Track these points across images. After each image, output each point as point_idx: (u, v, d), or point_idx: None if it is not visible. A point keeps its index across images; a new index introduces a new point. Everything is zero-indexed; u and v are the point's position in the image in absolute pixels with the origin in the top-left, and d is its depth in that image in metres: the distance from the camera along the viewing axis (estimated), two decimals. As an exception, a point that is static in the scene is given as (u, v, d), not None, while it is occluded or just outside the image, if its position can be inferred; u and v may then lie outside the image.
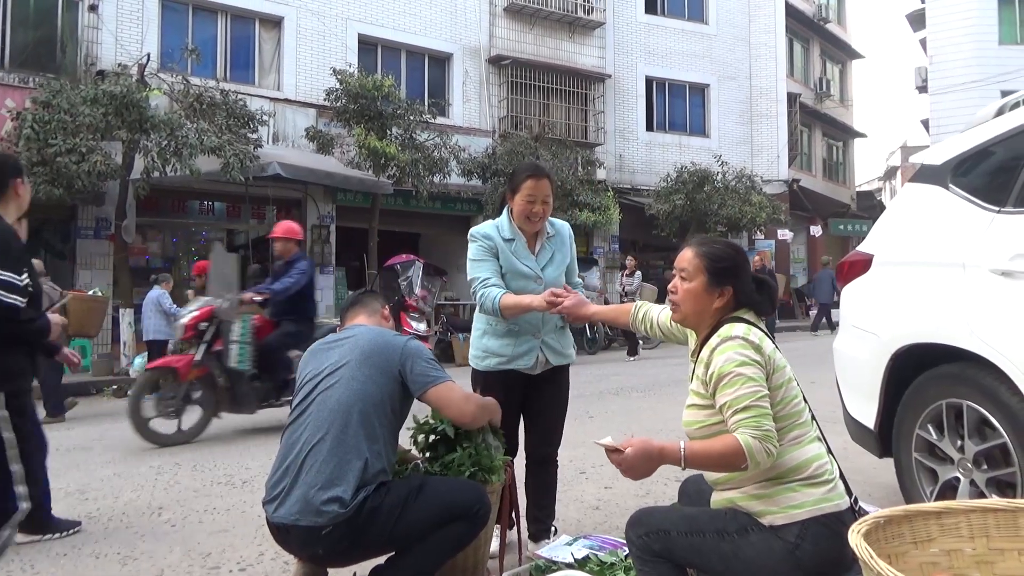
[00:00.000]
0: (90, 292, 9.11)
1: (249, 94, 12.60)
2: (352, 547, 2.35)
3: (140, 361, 10.15)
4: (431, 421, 2.77)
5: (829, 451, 2.06)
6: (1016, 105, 3.08)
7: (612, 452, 1.92)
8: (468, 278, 3.04)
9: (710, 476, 2.08)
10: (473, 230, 3.10)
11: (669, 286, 2.14)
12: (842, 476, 2.03)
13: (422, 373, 2.52)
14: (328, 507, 2.26)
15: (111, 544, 3.53)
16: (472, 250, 3.05)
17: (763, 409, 1.89)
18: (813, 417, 2.07)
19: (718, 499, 2.05)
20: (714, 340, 2.00)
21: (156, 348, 9.76)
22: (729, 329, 2.00)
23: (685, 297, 2.09)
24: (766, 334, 2.04)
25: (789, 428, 1.97)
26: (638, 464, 1.89)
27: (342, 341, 2.61)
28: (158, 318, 9.90)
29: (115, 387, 9.73)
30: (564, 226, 3.20)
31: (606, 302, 16.00)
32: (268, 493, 2.41)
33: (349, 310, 2.86)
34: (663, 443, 1.92)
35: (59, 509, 4.15)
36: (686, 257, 2.10)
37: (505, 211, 3.07)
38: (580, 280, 3.26)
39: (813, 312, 18.64)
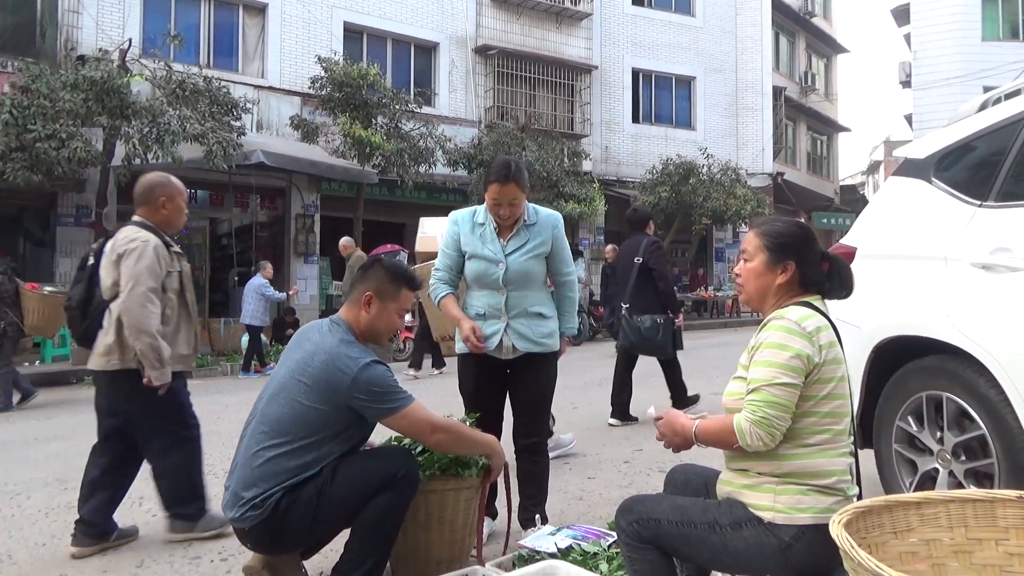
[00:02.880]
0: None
1: (233, 81, 12.47)
2: (274, 540, 2.43)
3: (244, 339, 10.79)
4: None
5: (857, 472, 1.99)
6: (998, 100, 3.10)
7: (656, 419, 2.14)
8: None
9: (727, 452, 2.05)
10: (452, 212, 3.22)
11: (735, 270, 2.16)
12: (859, 494, 1.96)
13: (374, 407, 2.41)
14: (246, 514, 2.36)
15: (91, 534, 3.49)
16: (444, 236, 3.18)
17: (771, 396, 1.85)
18: (852, 434, 1.99)
19: (726, 478, 2.03)
20: (770, 316, 1.99)
21: (251, 332, 10.33)
22: (786, 311, 1.96)
23: (748, 276, 2.09)
24: (830, 322, 1.98)
25: (820, 429, 1.89)
26: (669, 434, 2.06)
27: (311, 339, 2.55)
28: (257, 303, 10.34)
29: (95, 376, 9.60)
30: (550, 216, 3.16)
31: (591, 294, 16.08)
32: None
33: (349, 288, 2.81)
34: (686, 419, 2.05)
35: (38, 499, 4.12)
36: (748, 239, 2.11)
37: None
38: (570, 272, 3.22)
39: None
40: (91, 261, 3.37)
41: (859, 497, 1.95)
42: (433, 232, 4.74)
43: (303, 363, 2.46)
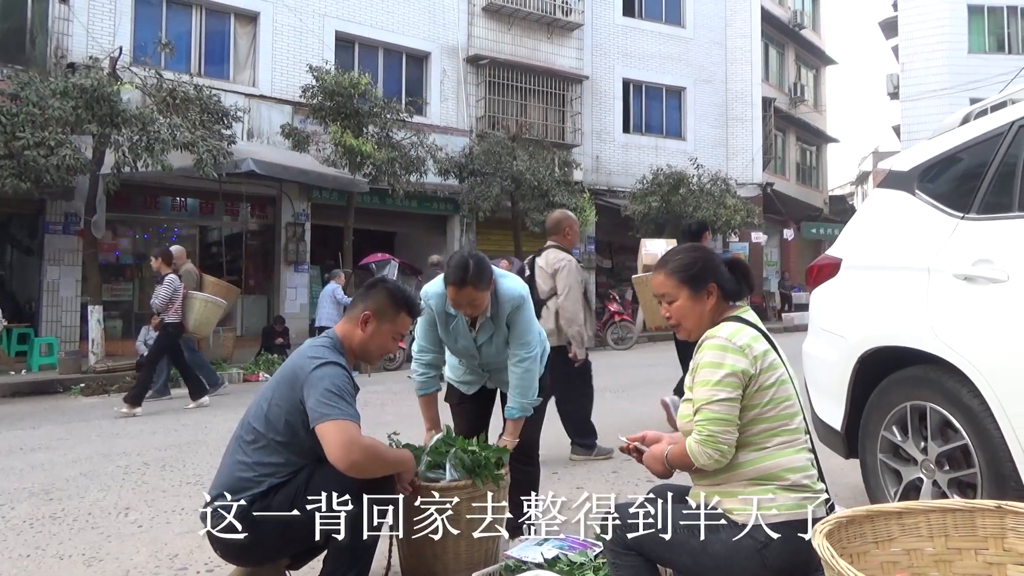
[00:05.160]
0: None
1: (224, 89, 12.43)
2: (244, 548, 2.36)
3: None
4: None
5: (819, 468, 2.05)
6: (981, 113, 3.14)
7: (633, 451, 2.24)
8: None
9: (693, 475, 2.12)
10: (423, 290, 3.18)
11: (662, 312, 2.20)
12: (827, 492, 2.02)
13: (312, 407, 2.30)
14: (217, 512, 2.34)
15: (76, 545, 3.47)
16: (421, 315, 3.18)
17: (712, 414, 1.94)
18: (808, 431, 2.07)
19: (695, 493, 2.09)
20: (703, 336, 2.08)
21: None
22: (717, 329, 2.05)
23: (681, 315, 2.15)
24: (763, 333, 2.06)
25: (777, 431, 1.98)
26: (650, 465, 2.16)
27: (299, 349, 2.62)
28: (332, 308, 10.85)
29: (83, 385, 9.56)
30: (512, 300, 3.05)
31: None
32: None
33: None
34: (661, 448, 2.15)
35: (22, 510, 4.09)
36: (659, 282, 2.17)
37: None
38: (526, 355, 3.10)
39: (790, 314, 18.79)
40: (528, 272, 4.85)
41: (827, 492, 2.02)
42: (655, 250, 5.56)
43: (283, 367, 2.53)
